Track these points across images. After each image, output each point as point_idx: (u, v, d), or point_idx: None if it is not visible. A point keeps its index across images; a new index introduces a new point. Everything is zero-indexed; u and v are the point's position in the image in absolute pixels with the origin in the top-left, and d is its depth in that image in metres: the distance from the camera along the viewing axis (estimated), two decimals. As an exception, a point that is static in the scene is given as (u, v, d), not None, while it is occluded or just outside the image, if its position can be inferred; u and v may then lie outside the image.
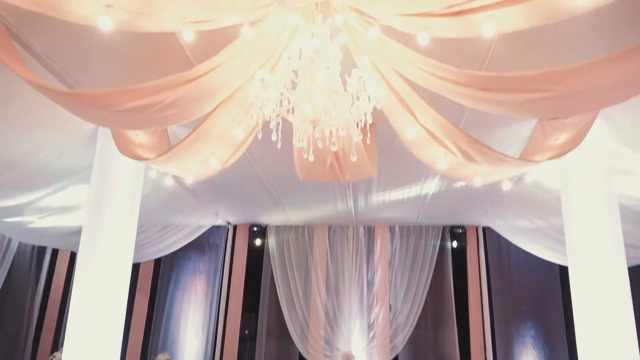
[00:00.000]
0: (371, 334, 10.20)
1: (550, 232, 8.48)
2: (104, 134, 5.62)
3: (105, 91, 3.69)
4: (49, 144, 5.70)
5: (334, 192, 8.23)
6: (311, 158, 3.53)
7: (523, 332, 10.03)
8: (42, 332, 10.99)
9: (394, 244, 10.72)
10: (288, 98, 3.34)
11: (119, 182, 6.13)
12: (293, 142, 3.48)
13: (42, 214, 8.05)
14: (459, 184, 7.38)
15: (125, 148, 5.15)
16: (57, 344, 10.23)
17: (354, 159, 3.61)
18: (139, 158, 5.08)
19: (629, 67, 3.06)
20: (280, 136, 3.32)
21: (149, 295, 11.13)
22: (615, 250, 5.52)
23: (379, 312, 10.30)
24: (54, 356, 8.05)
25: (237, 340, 10.69)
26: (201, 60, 3.61)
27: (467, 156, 4.39)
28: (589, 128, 4.67)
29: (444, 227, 10.63)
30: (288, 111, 3.40)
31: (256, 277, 11.03)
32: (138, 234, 6.54)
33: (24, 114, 4.93)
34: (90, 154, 5.85)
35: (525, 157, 4.78)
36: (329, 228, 10.87)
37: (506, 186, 4.90)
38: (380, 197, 8.53)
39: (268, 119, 3.35)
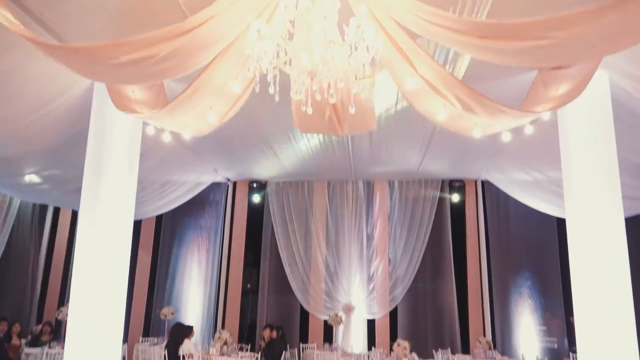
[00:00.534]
0: (371, 286, 10.40)
1: (548, 185, 8.53)
2: (100, 90, 5.56)
3: (99, 44, 3.63)
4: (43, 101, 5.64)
5: (333, 146, 8.22)
6: (309, 110, 3.50)
7: (520, 282, 10.22)
8: (48, 288, 11.21)
9: (393, 198, 10.79)
10: (285, 49, 3.28)
11: (116, 139, 6.10)
12: (291, 95, 3.44)
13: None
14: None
15: (122, 104, 5.10)
16: (63, 299, 10.45)
17: (352, 111, 3.58)
18: (136, 114, 5.03)
19: (628, 14, 3.00)
20: (277, 89, 3.28)
21: (151, 252, 11.30)
22: (612, 202, 5.55)
23: (379, 265, 10.47)
24: (61, 311, 8.23)
25: (240, 294, 10.92)
26: (195, 11, 3.52)
27: (466, 107, 4.35)
28: (590, 78, 4.61)
29: (443, 181, 10.67)
30: (285, 63, 3.34)
31: (257, 232, 11.17)
32: (137, 191, 6.56)
33: (17, 70, 4.86)
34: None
35: (525, 108, 4.74)
36: (328, 183, 10.92)
37: (506, 138, 4.87)
38: (379, 150, 8.52)
39: (265, 72, 3.30)
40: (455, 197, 10.56)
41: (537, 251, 10.35)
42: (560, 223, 9.67)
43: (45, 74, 5.02)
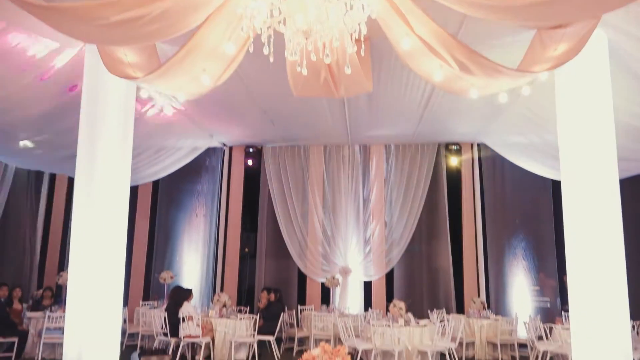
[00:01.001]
0: (367, 249, 10.52)
1: (544, 148, 8.53)
2: (92, 54, 5.46)
3: (88, 4, 3.54)
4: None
5: (329, 109, 8.16)
6: (304, 72, 3.46)
7: (514, 244, 10.36)
8: (47, 254, 11.29)
9: (390, 162, 10.80)
10: (279, 8, 3.21)
11: (110, 103, 6.03)
12: (285, 55, 3.39)
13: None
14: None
15: (114, 67, 5.02)
16: (63, 264, 10.54)
17: (348, 71, 3.54)
18: (129, 77, 4.96)
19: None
20: (272, 49, 3.22)
21: (149, 217, 11.34)
22: (608, 164, 5.56)
23: (375, 229, 10.56)
24: (61, 276, 8.32)
25: (238, 258, 11.02)
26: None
27: (463, 68, 4.30)
28: (589, 38, 4.54)
29: (439, 144, 10.66)
30: (279, 22, 3.28)
31: (254, 197, 11.20)
32: (133, 156, 6.52)
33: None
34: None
35: (522, 68, 4.69)
36: (325, 148, 10.90)
37: (503, 99, 4.84)
38: (375, 113, 8.47)
39: (259, 31, 3.24)
40: (452, 160, 10.57)
41: (532, 213, 10.45)
42: (555, 185, 9.73)
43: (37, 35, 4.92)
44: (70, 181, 11.01)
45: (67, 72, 5.96)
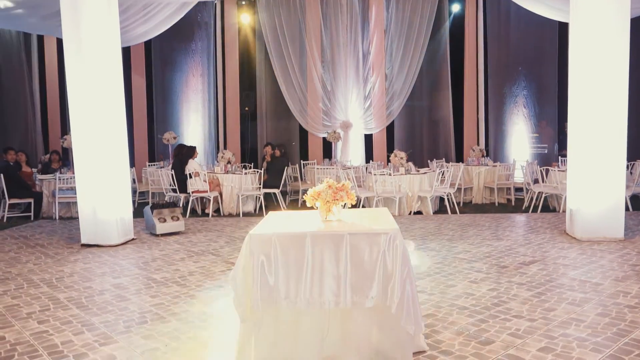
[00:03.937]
0: (367, 104, 10.47)
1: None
2: None
3: None
4: None
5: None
6: None
7: (516, 92, 10.28)
8: (48, 118, 11.28)
9: (390, 11, 10.29)
10: None
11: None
12: None
13: None
14: None
15: None
16: (65, 127, 10.58)
17: None
18: None
19: None
20: None
21: (145, 77, 11.12)
22: (619, 3, 5.30)
23: (375, 82, 10.40)
24: (65, 139, 8.39)
25: (238, 118, 11.03)
26: None
27: None
28: None
29: (442, -12, 10.10)
30: None
31: (250, 54, 10.87)
32: (119, 14, 6.21)
33: None
34: None
35: None
36: (321, -3, 10.33)
37: None
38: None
39: None
40: (455, 7, 10.05)
41: (536, 61, 10.21)
42: (562, 31, 9.35)
43: None
44: (59, 42, 10.61)
45: None
